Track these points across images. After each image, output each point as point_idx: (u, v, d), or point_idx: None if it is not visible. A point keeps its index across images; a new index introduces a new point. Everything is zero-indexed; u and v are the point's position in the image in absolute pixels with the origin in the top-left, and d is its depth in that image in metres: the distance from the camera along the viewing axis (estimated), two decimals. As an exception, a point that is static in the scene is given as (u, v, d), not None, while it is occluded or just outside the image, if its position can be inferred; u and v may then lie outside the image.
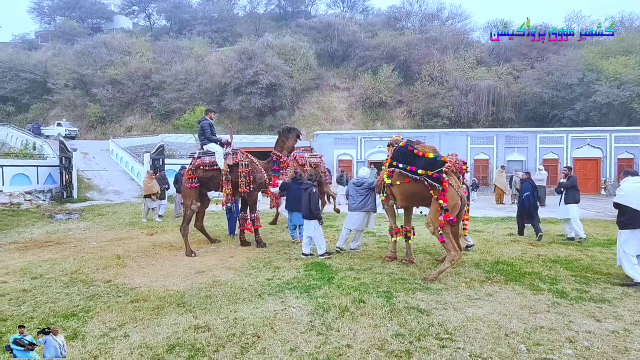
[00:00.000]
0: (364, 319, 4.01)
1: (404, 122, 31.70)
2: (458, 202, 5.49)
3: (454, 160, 5.69)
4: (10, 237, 9.11)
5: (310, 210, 6.66)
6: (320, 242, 6.73)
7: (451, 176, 5.51)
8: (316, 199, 6.71)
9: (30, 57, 40.36)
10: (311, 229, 6.71)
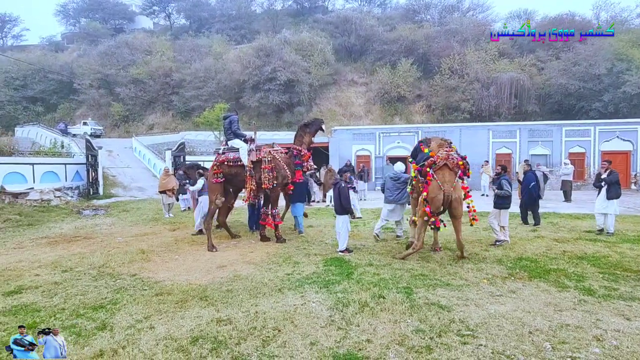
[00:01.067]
0: (383, 314, 4.01)
1: (423, 116, 31.23)
2: (438, 196, 5.76)
3: (444, 155, 5.94)
4: (42, 232, 9.50)
5: (341, 204, 6.65)
6: (344, 237, 6.72)
7: (442, 170, 5.87)
8: (345, 194, 6.68)
9: (57, 59, 41.74)
10: (339, 223, 6.70)
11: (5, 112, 35.83)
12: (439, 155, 6.00)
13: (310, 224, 9.90)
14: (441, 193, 5.75)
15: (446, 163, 5.94)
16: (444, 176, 5.88)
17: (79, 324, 3.91)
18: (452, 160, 5.97)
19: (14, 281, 5.38)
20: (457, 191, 5.89)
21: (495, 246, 6.96)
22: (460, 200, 5.92)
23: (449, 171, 5.92)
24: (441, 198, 5.78)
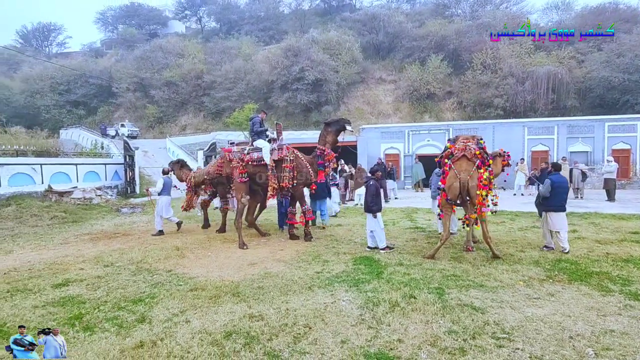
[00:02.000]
0: (414, 314, 3.96)
1: (454, 113, 30.46)
2: (454, 184, 6.10)
3: (462, 146, 6.34)
4: (85, 229, 10.04)
5: (367, 203, 6.67)
6: (381, 235, 6.69)
7: (460, 160, 6.23)
8: (372, 192, 6.67)
9: (97, 64, 43.92)
10: (371, 222, 6.69)
11: (51, 116, 38.10)
12: (456, 146, 6.41)
13: (339, 223, 9.91)
14: (457, 181, 6.07)
15: (464, 154, 6.23)
16: (460, 166, 6.21)
17: (120, 316, 4.11)
18: (470, 151, 6.22)
19: (61, 274, 5.73)
20: (474, 179, 6.05)
21: (544, 250, 6.56)
22: (477, 188, 6.06)
23: (466, 161, 6.20)
24: (457, 186, 6.08)
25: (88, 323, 3.95)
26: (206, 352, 3.27)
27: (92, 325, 3.90)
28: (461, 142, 6.49)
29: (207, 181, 9.53)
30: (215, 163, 9.51)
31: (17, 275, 5.76)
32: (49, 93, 39.29)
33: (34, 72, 41.57)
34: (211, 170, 9.37)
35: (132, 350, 3.33)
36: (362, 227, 9.21)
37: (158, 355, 3.24)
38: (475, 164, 6.11)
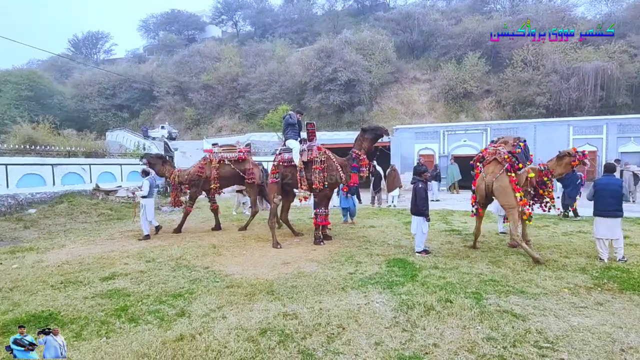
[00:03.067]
0: (450, 318, 3.86)
1: (492, 112, 29.39)
2: (480, 185, 6.52)
3: (492, 150, 6.66)
4: (128, 226, 10.58)
5: (416, 205, 6.54)
6: (420, 239, 6.57)
7: (491, 163, 6.50)
8: (422, 194, 6.54)
9: (139, 69, 46.19)
10: (414, 225, 6.59)
11: (99, 119, 40.50)
12: (488, 150, 6.80)
13: (372, 224, 9.84)
14: (483, 183, 6.44)
15: (495, 157, 6.49)
16: (488, 168, 6.51)
17: (161, 309, 4.30)
18: (500, 155, 6.44)
19: (108, 268, 6.07)
20: (500, 181, 6.24)
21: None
22: (503, 190, 6.21)
23: (496, 164, 6.45)
24: (483, 187, 6.44)
25: (132, 315, 4.16)
26: (242, 348, 3.36)
27: (136, 317, 4.10)
28: (492, 147, 6.81)
29: (187, 181, 9.57)
30: (197, 165, 9.66)
31: (69, 267, 6.17)
32: (96, 97, 41.77)
33: (83, 78, 44.35)
34: (192, 172, 9.53)
35: (173, 342, 3.47)
36: (395, 229, 9.11)
37: (197, 348, 3.36)
38: (504, 167, 6.28)
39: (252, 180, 9.55)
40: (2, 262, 6.62)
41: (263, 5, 53.62)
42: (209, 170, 9.41)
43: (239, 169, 9.53)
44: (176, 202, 9.78)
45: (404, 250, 6.94)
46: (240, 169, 9.54)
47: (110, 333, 3.72)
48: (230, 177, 9.67)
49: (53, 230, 9.92)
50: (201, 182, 9.44)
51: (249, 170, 9.60)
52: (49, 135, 22.52)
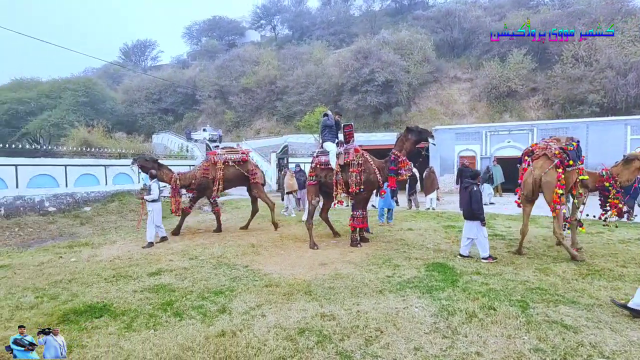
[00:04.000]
0: (494, 327, 3.71)
1: (539, 112, 27.87)
2: (528, 179, 6.45)
3: (543, 145, 6.63)
4: (173, 224, 11.07)
5: (472, 209, 6.31)
6: (484, 244, 6.30)
7: (540, 159, 6.43)
8: (478, 198, 6.33)
9: (183, 74, 48.30)
10: (473, 229, 6.35)
11: (146, 122, 42.78)
12: (538, 145, 6.76)
13: (409, 227, 9.66)
14: (531, 177, 6.37)
15: (545, 152, 6.41)
16: (537, 163, 6.43)
17: (204, 305, 4.47)
18: (550, 150, 6.36)
19: (155, 264, 6.40)
20: (548, 176, 6.18)
21: None
22: (549, 185, 6.11)
23: (545, 159, 6.36)
24: (530, 182, 6.37)
25: (177, 309, 4.36)
26: (281, 346, 3.42)
27: (180, 311, 4.30)
28: (543, 142, 6.78)
29: (194, 185, 9.42)
30: (201, 167, 9.59)
31: (120, 262, 6.57)
32: (144, 102, 44.18)
33: (132, 84, 47.09)
34: (198, 175, 9.45)
35: (215, 338, 3.60)
36: (434, 232, 8.89)
37: (238, 344, 3.46)
38: (554, 163, 6.21)
39: (256, 180, 9.92)
40: (62, 256, 7.17)
41: (301, 9, 54.32)
42: (214, 172, 9.44)
43: (243, 170, 9.77)
44: (178, 207, 9.29)
45: (444, 254, 6.75)
46: (244, 170, 9.80)
47: (157, 326, 3.92)
48: (234, 178, 9.80)
49: (105, 227, 10.59)
50: (209, 184, 9.44)
51: (252, 170, 9.93)
52: (102, 138, 24.15)
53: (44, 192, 11.54)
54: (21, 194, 10.98)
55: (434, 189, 13.33)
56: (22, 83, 42.24)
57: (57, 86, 40.89)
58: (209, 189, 9.54)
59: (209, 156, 9.70)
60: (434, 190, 13.33)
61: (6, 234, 9.28)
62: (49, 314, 4.25)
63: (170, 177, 9.21)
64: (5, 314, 4.27)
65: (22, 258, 7.11)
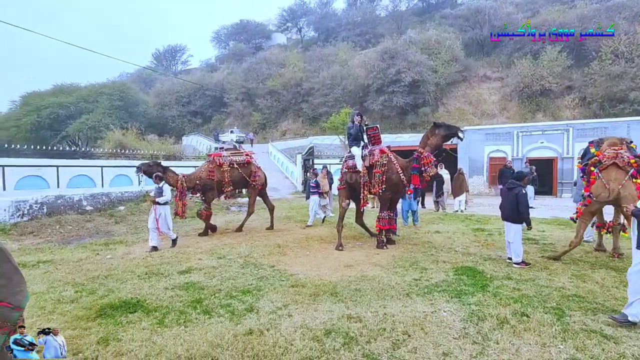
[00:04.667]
0: (527, 334, 3.58)
1: (575, 111, 26.69)
2: (602, 194, 5.82)
3: (612, 153, 5.93)
4: (201, 224, 11.34)
5: (518, 212, 6.10)
6: (518, 248, 6.13)
7: (610, 168, 5.86)
8: (525, 201, 6.17)
9: (212, 78, 49.55)
10: (511, 232, 6.20)
11: (176, 125, 44.15)
12: (605, 153, 6.03)
13: (437, 230, 9.48)
14: (606, 191, 5.79)
15: (615, 162, 5.85)
16: (609, 174, 5.86)
17: (232, 304, 4.56)
18: (622, 159, 5.82)
19: (185, 263, 6.59)
20: (627, 189, 5.66)
21: None
22: (629, 198, 5.44)
23: (617, 169, 5.84)
24: (605, 196, 5.80)
25: (206, 307, 4.46)
26: (308, 347, 3.43)
27: (209, 309, 4.40)
28: (611, 150, 6.07)
29: (198, 186, 9.24)
30: (205, 168, 9.44)
31: (152, 260, 6.81)
32: (174, 105, 45.64)
33: (163, 88, 48.73)
34: (203, 176, 9.28)
35: (243, 336, 3.67)
36: (463, 235, 8.68)
37: (265, 343, 3.51)
38: (629, 173, 5.73)
39: (256, 183, 10.02)
40: (99, 253, 7.50)
41: (326, 11, 54.53)
42: (219, 174, 9.36)
43: (245, 173, 9.78)
44: (183, 210, 9.03)
45: (473, 258, 6.58)
46: (246, 173, 9.81)
47: (187, 322, 4.03)
48: (238, 181, 9.76)
49: (138, 226, 10.99)
50: (213, 186, 9.31)
51: (255, 173, 10.00)
52: (135, 140, 25.10)
53: (82, 192, 12.12)
54: (62, 194, 11.58)
55: (463, 191, 13.02)
56: (63, 88, 44.58)
57: (94, 91, 42.91)
58: (212, 190, 9.40)
59: (214, 158, 9.60)
60: (463, 192, 13.02)
61: (48, 230, 9.81)
62: (87, 308, 4.45)
63: (176, 180, 8.95)
64: (49, 306, 4.51)
65: (63, 254, 7.49)
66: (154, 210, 7.74)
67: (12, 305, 1.66)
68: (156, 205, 7.73)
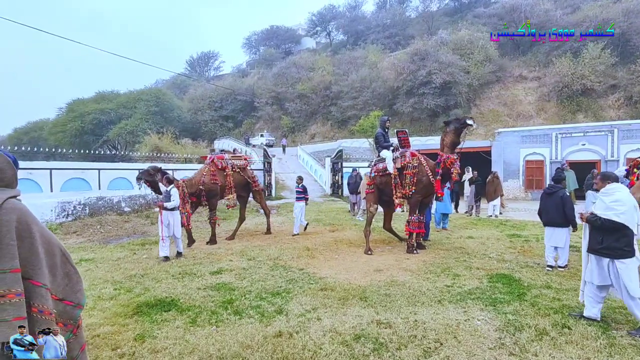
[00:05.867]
0: (569, 347, 3.39)
1: (620, 111, 25.16)
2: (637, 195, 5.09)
3: None
4: (232, 226, 11.58)
5: (565, 215, 5.94)
6: (566, 253, 6.04)
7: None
8: (571, 203, 6.03)
9: (243, 83, 50.66)
10: (562, 237, 6.01)
11: (208, 129, 45.43)
12: None
13: (470, 235, 9.20)
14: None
15: None
16: None
17: (262, 305, 4.61)
18: None
19: (216, 264, 6.74)
20: None
21: None
22: None
23: None
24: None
25: (237, 308, 4.54)
26: (337, 351, 3.41)
27: (240, 310, 4.47)
28: None
29: (202, 192, 8.59)
30: (207, 172, 8.74)
31: (185, 261, 7.01)
32: (207, 110, 46.98)
33: (197, 93, 50.30)
34: (206, 180, 8.62)
35: (272, 338, 3.69)
36: (497, 241, 8.38)
37: (294, 346, 3.51)
38: None
39: (258, 187, 9.98)
40: (136, 252, 7.82)
41: (355, 14, 54.51)
42: (222, 179, 8.91)
43: (246, 177, 9.62)
44: (189, 219, 8.31)
45: (509, 265, 6.32)
46: (247, 176, 9.65)
47: (219, 322, 4.11)
48: (238, 185, 9.40)
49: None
50: (217, 191, 8.83)
51: (253, 177, 9.82)
52: (170, 144, 26.05)
53: (121, 194, 12.68)
54: (102, 195, 12.18)
55: (498, 195, 12.57)
56: (104, 95, 46.98)
57: (132, 97, 44.91)
58: (217, 196, 8.91)
59: (216, 160, 8.96)
60: (498, 196, 12.57)
61: (90, 230, 10.34)
62: (125, 305, 4.64)
63: (177, 186, 7.84)
64: (90, 303, 4.74)
65: (103, 253, 7.87)
66: (161, 217, 7.05)
67: (74, 303, 1.76)
68: (164, 211, 7.02)
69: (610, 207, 3.76)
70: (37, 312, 1.59)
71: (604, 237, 3.77)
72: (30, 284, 1.56)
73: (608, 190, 3.92)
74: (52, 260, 1.67)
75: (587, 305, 3.99)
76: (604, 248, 3.77)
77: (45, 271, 1.61)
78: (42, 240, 1.62)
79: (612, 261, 3.76)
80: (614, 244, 3.72)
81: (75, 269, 1.79)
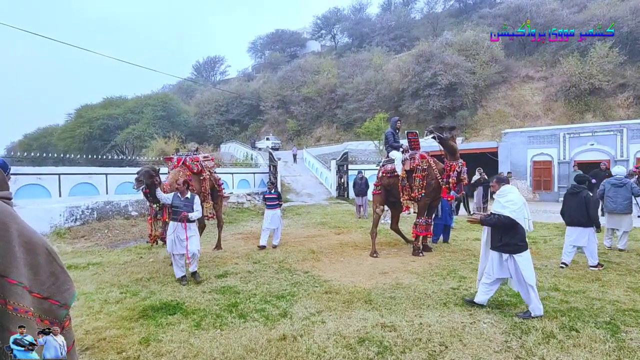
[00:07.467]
0: (577, 350, 3.34)
1: (629, 110, 24.79)
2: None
3: None
4: (238, 229, 11.64)
5: (589, 216, 5.96)
6: (594, 251, 6.05)
7: None
8: (594, 204, 6.09)
9: (248, 87, 50.89)
10: (585, 237, 6.01)
11: (214, 133, 45.69)
12: None
13: (476, 237, 9.11)
14: None
15: None
16: None
17: (266, 309, 4.61)
18: None
19: (221, 267, 6.76)
20: None
21: None
22: None
23: None
24: None
25: (242, 311, 4.54)
26: (341, 355, 3.39)
27: (244, 313, 4.47)
28: None
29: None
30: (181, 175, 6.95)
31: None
32: (213, 114, 47.27)
33: (203, 98, 50.66)
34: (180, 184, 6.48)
35: (277, 341, 3.69)
36: (505, 243, 8.28)
37: (298, 350, 3.51)
38: None
39: (223, 194, 8.84)
40: (142, 256, 7.87)
41: (360, 16, 54.53)
42: (198, 184, 7.49)
43: (214, 181, 8.27)
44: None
45: (516, 267, 6.25)
46: (214, 181, 8.32)
47: (223, 326, 4.12)
48: (212, 192, 8.14)
49: (179, 231, 11.42)
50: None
51: (220, 181, 8.57)
52: (177, 148, 26.22)
53: (128, 198, 12.79)
54: (110, 200, 12.29)
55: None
56: (112, 101, 47.52)
57: (139, 102, 45.36)
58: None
59: (191, 163, 7.58)
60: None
61: (97, 234, 10.44)
62: (131, 309, 4.67)
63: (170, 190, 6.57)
64: (96, 306, 4.78)
65: (110, 257, 7.94)
66: (185, 230, 5.75)
67: (60, 303, 1.75)
68: (188, 223, 5.81)
69: (504, 206, 4.30)
70: (12, 309, 1.59)
71: (502, 235, 4.27)
72: (5, 282, 1.56)
73: (502, 191, 4.45)
74: (33, 258, 1.66)
75: (479, 293, 4.48)
76: (504, 245, 4.26)
77: (22, 270, 1.61)
78: (21, 239, 1.62)
79: (510, 256, 4.23)
80: (510, 240, 4.21)
81: (62, 268, 1.78)
